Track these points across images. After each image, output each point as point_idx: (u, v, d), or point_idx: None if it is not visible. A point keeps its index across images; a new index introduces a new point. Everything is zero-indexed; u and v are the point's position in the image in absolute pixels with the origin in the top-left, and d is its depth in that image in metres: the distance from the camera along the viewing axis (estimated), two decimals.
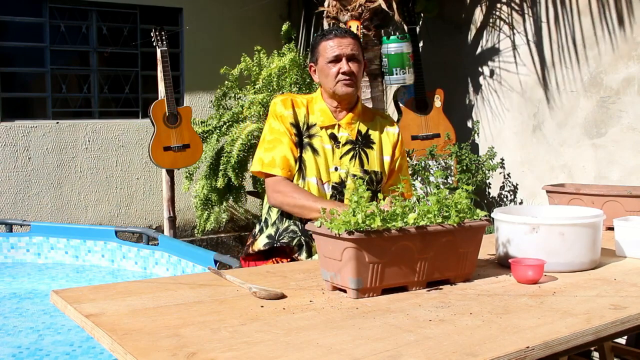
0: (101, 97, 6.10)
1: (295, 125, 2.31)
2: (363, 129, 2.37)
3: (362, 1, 4.60)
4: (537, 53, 4.64)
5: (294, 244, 2.30)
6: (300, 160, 2.29)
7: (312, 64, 2.38)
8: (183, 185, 5.68)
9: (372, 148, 2.37)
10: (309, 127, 2.31)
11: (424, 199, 1.89)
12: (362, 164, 2.33)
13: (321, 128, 2.32)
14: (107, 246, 5.12)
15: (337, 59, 2.27)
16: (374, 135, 2.39)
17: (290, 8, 6.73)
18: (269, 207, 2.37)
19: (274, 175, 2.28)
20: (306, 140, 2.30)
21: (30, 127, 5.65)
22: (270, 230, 2.34)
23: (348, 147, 2.33)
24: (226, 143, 5.39)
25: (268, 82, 5.49)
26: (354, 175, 2.30)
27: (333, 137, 2.32)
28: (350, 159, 2.32)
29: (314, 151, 2.29)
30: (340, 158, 2.31)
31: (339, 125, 2.34)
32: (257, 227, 2.43)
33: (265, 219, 2.39)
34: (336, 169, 2.30)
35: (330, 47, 2.29)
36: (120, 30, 6.12)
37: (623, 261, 2.18)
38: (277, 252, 2.33)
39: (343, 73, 2.27)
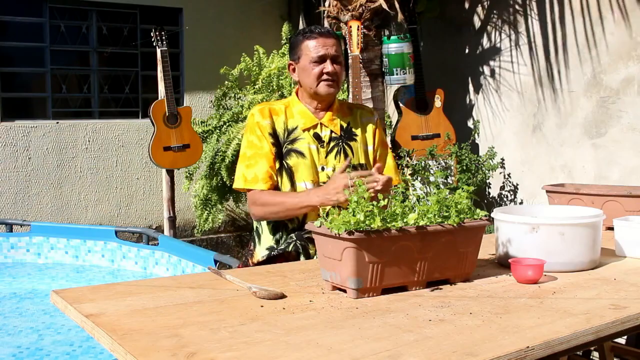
0: (101, 97, 6.10)
1: (274, 134, 2.29)
2: (345, 123, 2.37)
3: (363, 1, 4.60)
4: (537, 53, 4.64)
5: (290, 249, 2.30)
6: (286, 168, 2.28)
7: (292, 62, 2.35)
8: (183, 185, 5.68)
9: (355, 140, 2.36)
10: (289, 132, 2.30)
11: (424, 199, 1.90)
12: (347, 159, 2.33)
13: (303, 130, 2.30)
14: (107, 246, 5.12)
15: (321, 59, 2.26)
16: (355, 128, 2.38)
17: (290, 8, 6.73)
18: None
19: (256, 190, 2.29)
20: (289, 147, 2.28)
21: (30, 127, 5.65)
22: (271, 242, 2.34)
23: (332, 144, 2.32)
24: (222, 143, 5.40)
25: (268, 82, 5.49)
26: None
27: (317, 137, 2.31)
28: (335, 156, 2.31)
29: (300, 154, 2.28)
30: (326, 157, 2.30)
31: (321, 124, 2.33)
32: (251, 240, 2.44)
33: (257, 227, 2.39)
34: (322, 168, 2.29)
35: (314, 47, 2.26)
36: (120, 30, 6.12)
37: (623, 261, 2.18)
38: (277, 261, 2.32)
39: (327, 73, 2.26)
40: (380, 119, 2.62)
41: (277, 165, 2.29)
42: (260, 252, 2.35)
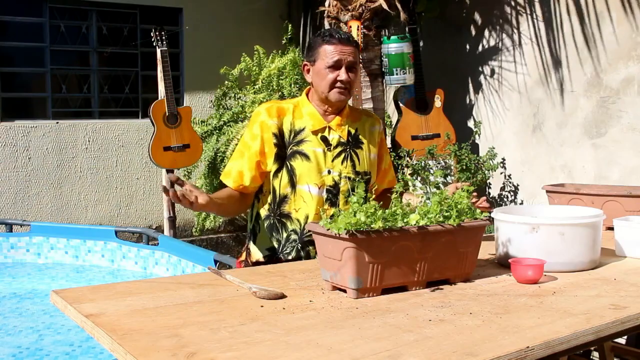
0: (101, 97, 6.10)
1: (280, 135, 2.28)
2: (352, 129, 2.36)
3: (363, 1, 4.60)
4: (537, 53, 4.64)
5: (293, 255, 2.29)
6: (289, 169, 2.28)
7: (307, 63, 2.33)
8: None
9: (361, 148, 2.36)
10: (296, 133, 2.29)
11: (425, 200, 1.90)
12: (354, 166, 2.32)
13: (312, 132, 2.29)
14: (107, 246, 5.12)
15: (337, 66, 2.24)
16: (362, 135, 2.38)
17: (290, 8, 6.73)
18: (257, 216, 2.37)
19: (227, 185, 2.31)
20: (294, 148, 2.27)
21: (30, 127, 5.65)
22: (269, 243, 2.34)
23: (339, 149, 2.32)
24: (222, 143, 5.40)
25: (268, 82, 5.49)
26: (347, 177, 2.30)
27: (324, 140, 2.30)
28: (342, 161, 2.31)
29: (304, 157, 2.27)
30: (333, 161, 2.30)
31: (329, 128, 2.32)
32: (247, 237, 2.43)
33: (254, 226, 2.39)
34: (329, 171, 2.29)
35: (331, 52, 2.24)
36: (120, 30, 6.12)
37: (623, 261, 2.18)
38: (278, 261, 2.32)
39: (341, 82, 2.24)
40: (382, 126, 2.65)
41: (277, 166, 2.28)
42: (258, 253, 2.35)
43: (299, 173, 2.26)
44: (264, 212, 2.33)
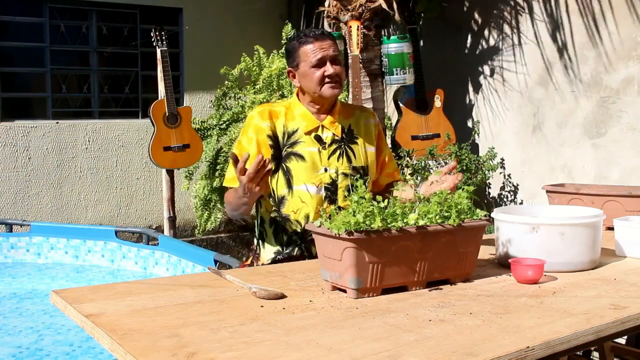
0: (101, 97, 6.10)
1: (274, 137, 2.29)
2: (346, 125, 2.37)
3: (363, 1, 4.60)
4: (537, 53, 4.64)
5: (295, 252, 2.30)
6: (285, 171, 2.28)
7: (291, 69, 2.34)
8: (183, 184, 5.68)
9: (356, 143, 2.36)
10: (290, 135, 2.30)
11: (424, 199, 1.90)
12: (350, 161, 2.33)
13: (305, 133, 2.30)
14: (107, 246, 5.12)
15: (321, 63, 2.25)
16: (357, 130, 2.39)
17: (290, 8, 6.73)
18: (262, 221, 2.37)
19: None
20: (289, 150, 2.28)
21: (30, 127, 5.65)
22: (276, 246, 2.34)
23: (334, 146, 2.32)
24: (225, 142, 5.40)
25: (268, 82, 5.49)
26: (344, 174, 2.30)
27: (318, 139, 2.31)
28: (338, 158, 2.31)
29: (299, 158, 2.28)
30: (328, 158, 2.30)
31: (323, 126, 2.32)
32: (255, 241, 2.43)
33: (260, 231, 2.39)
34: (325, 169, 2.29)
35: (312, 51, 2.26)
36: (120, 30, 6.12)
37: (623, 261, 2.18)
38: (283, 262, 2.32)
39: (329, 76, 2.25)
40: (379, 120, 2.64)
41: (273, 168, 2.29)
42: (267, 256, 2.35)
43: (295, 174, 2.27)
44: (267, 215, 2.34)
